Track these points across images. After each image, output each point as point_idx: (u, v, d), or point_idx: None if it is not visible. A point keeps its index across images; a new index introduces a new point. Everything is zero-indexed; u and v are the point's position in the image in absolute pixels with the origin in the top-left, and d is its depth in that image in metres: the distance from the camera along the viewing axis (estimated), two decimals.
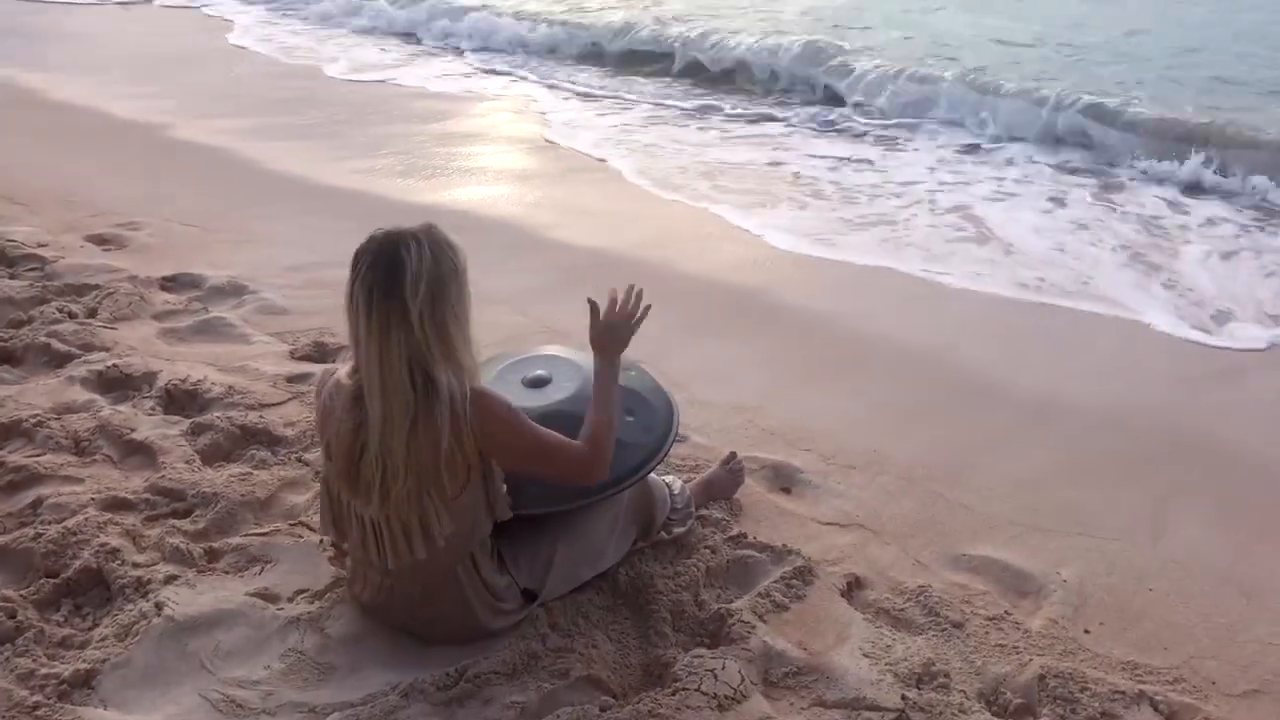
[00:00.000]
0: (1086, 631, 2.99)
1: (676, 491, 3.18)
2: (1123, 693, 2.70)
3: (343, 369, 2.56)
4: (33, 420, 3.43)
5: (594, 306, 2.73)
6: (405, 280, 2.34)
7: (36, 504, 3.06)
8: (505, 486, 2.62)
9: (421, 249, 2.38)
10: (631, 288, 2.78)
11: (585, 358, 3.03)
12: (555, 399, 2.85)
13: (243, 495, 3.16)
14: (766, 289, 5.35)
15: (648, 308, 2.77)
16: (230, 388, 3.77)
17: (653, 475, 3.11)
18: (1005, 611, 3.02)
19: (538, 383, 2.93)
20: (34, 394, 3.65)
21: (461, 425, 2.42)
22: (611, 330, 2.73)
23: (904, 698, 2.62)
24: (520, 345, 3.57)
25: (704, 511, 3.28)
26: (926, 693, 2.66)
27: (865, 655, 2.77)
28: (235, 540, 2.99)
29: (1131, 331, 5.08)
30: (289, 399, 3.78)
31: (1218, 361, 4.79)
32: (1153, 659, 2.89)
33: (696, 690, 2.57)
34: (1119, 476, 3.78)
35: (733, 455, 3.52)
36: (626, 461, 2.83)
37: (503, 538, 2.70)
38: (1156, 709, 2.69)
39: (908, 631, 2.91)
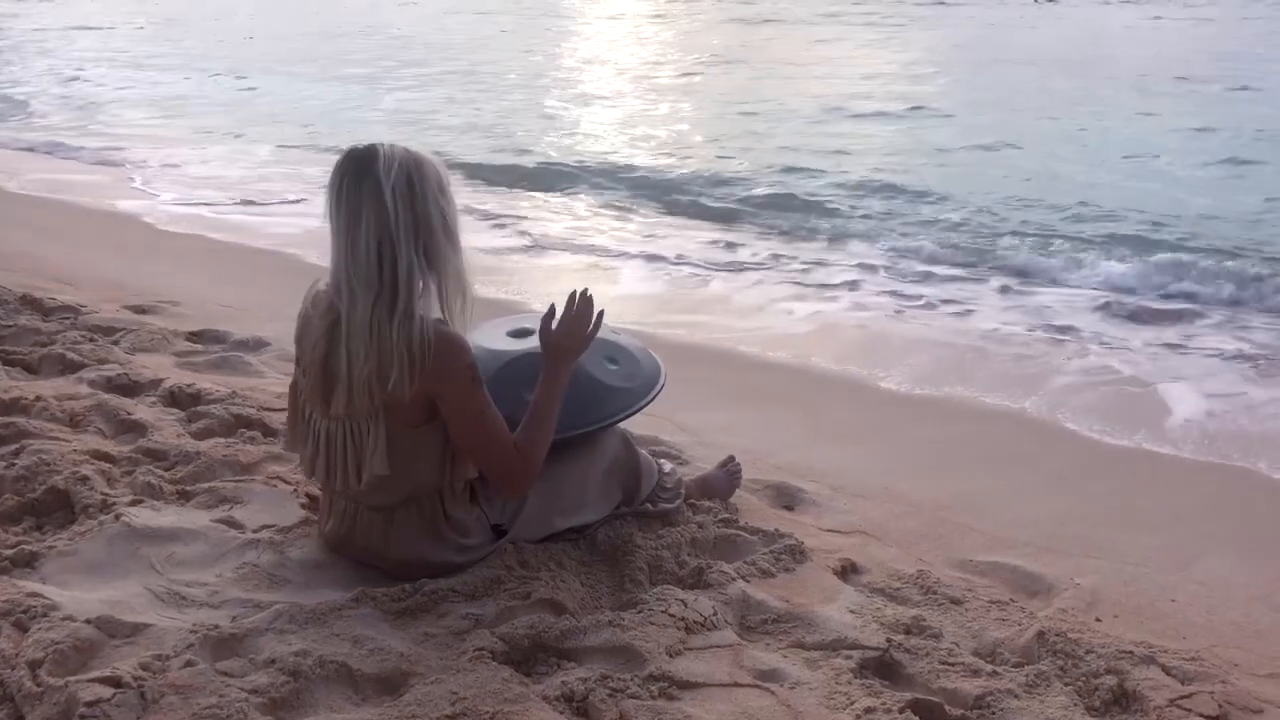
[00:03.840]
0: (1098, 620, 2.78)
1: (667, 471, 3.07)
2: (1130, 653, 2.48)
3: (321, 281, 2.55)
4: (32, 398, 3.45)
5: (552, 308, 2.64)
6: (379, 162, 2.33)
7: (19, 451, 3.03)
8: None
9: (394, 147, 2.39)
10: (584, 292, 2.66)
11: None
12: (536, 345, 2.82)
13: (225, 456, 3.11)
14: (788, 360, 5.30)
15: (600, 313, 2.68)
16: (234, 392, 3.77)
17: (643, 451, 3.03)
18: (1010, 599, 2.83)
19: (521, 333, 2.91)
20: (40, 388, 3.68)
21: (415, 346, 2.31)
22: (567, 335, 2.61)
23: (889, 640, 2.43)
24: None
25: (696, 503, 3.15)
26: (914, 639, 2.47)
27: (851, 611, 2.59)
28: (209, 484, 2.93)
29: None
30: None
31: None
32: (1169, 643, 2.66)
33: (664, 612, 2.41)
34: (1152, 521, 3.56)
35: (731, 458, 3.41)
36: (607, 404, 2.77)
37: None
38: (1169, 673, 2.45)
39: (902, 605, 2.72)
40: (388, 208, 2.32)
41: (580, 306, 2.64)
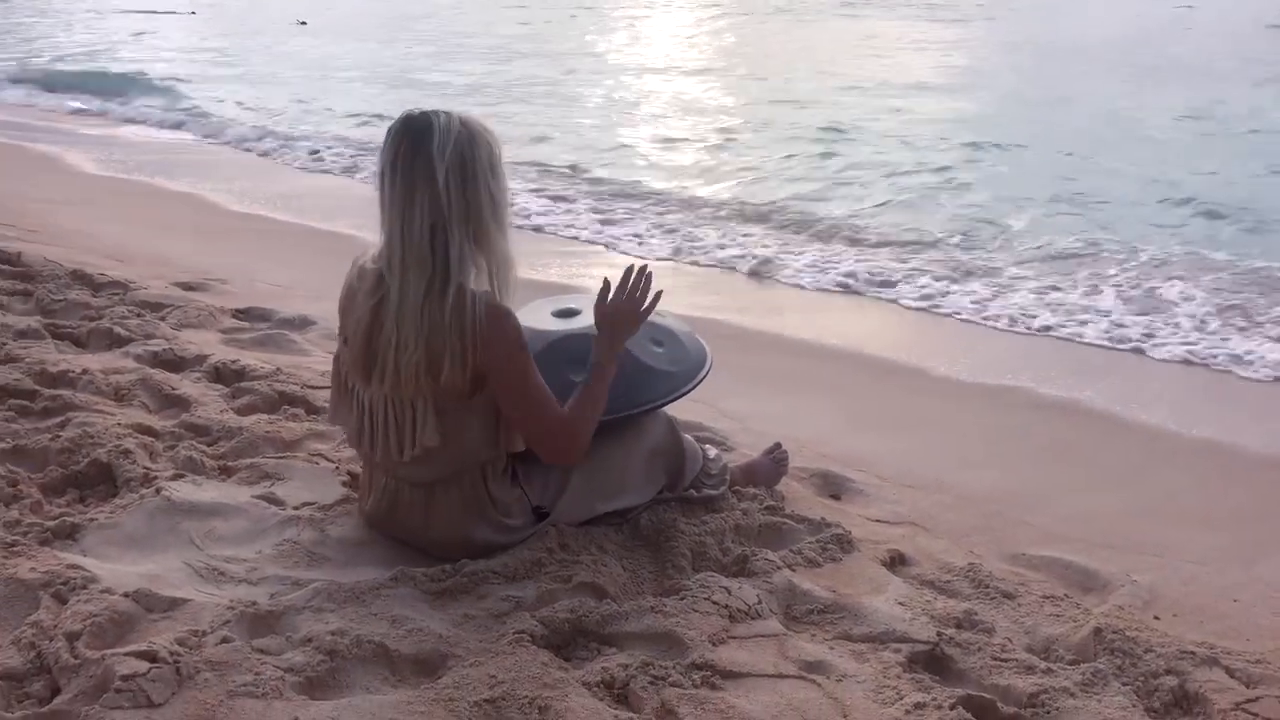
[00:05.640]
0: (1156, 618, 2.68)
1: (712, 457, 3.01)
2: (1192, 653, 2.39)
3: (369, 254, 2.51)
4: (79, 371, 3.45)
5: (606, 284, 2.59)
6: (433, 139, 2.30)
7: (64, 424, 3.03)
8: None
9: (451, 119, 2.35)
10: (643, 268, 2.60)
11: None
12: (582, 324, 2.78)
13: (267, 433, 3.10)
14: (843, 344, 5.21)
15: (658, 294, 2.62)
16: (278, 369, 3.76)
17: (688, 436, 2.97)
18: (1064, 594, 2.74)
19: (567, 313, 2.86)
20: (87, 361, 3.69)
21: (467, 322, 2.31)
22: (620, 311, 2.55)
23: (939, 634, 2.36)
24: None
25: (740, 490, 3.09)
26: (966, 633, 2.39)
27: (900, 604, 2.52)
28: (250, 460, 2.91)
29: None
30: None
31: None
32: (1231, 644, 2.55)
33: (707, 599, 2.35)
34: (1213, 517, 3.44)
35: (777, 445, 3.34)
36: (652, 387, 2.72)
37: (520, 453, 2.57)
38: (1233, 675, 2.36)
39: (953, 598, 2.65)
40: (440, 191, 2.29)
41: (637, 281, 2.58)
